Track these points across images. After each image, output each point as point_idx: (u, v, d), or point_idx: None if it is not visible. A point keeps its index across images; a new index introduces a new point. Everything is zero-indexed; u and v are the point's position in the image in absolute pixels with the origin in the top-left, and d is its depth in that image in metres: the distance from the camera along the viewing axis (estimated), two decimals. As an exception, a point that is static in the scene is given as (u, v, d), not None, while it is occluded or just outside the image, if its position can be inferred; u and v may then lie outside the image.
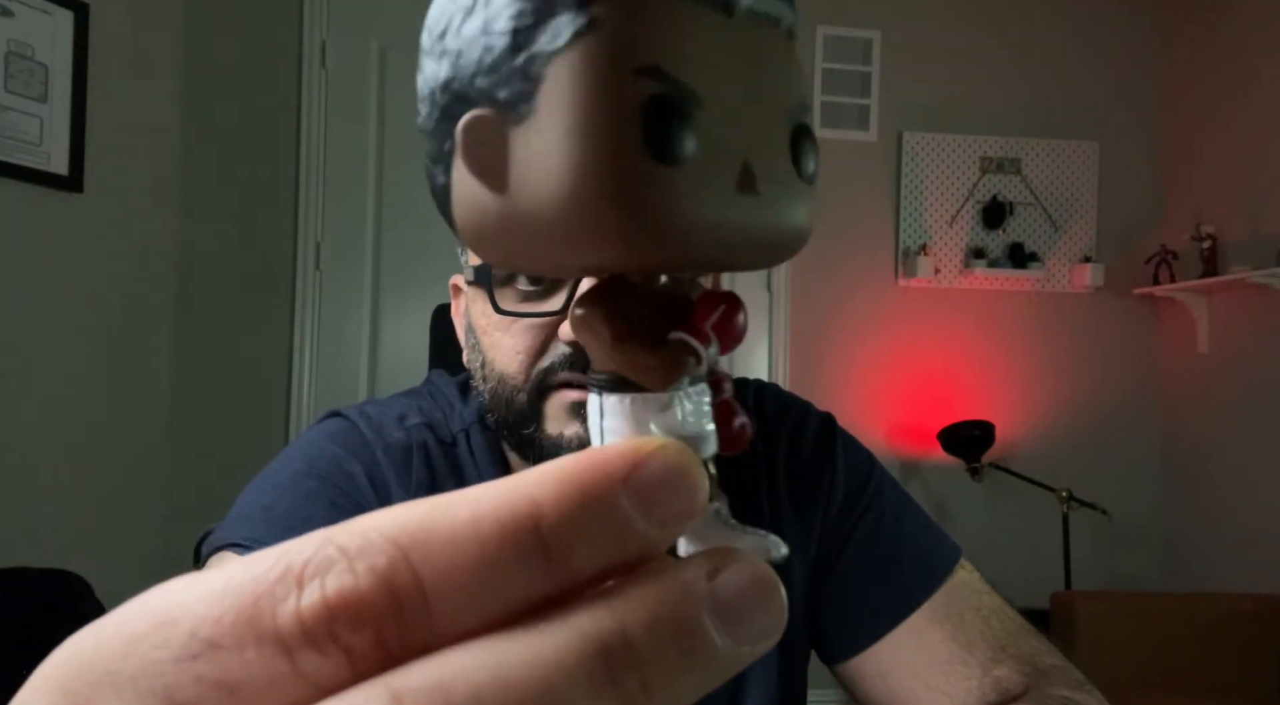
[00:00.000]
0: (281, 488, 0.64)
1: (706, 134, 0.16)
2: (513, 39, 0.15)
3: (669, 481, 0.15)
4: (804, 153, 0.18)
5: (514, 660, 0.13)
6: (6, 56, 2.10)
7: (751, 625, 0.15)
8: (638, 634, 0.14)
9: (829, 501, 0.74)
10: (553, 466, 0.15)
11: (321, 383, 2.77)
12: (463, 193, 0.17)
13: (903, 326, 3.07)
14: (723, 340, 0.18)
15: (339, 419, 0.72)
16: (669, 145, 0.15)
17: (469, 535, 0.14)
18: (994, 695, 0.65)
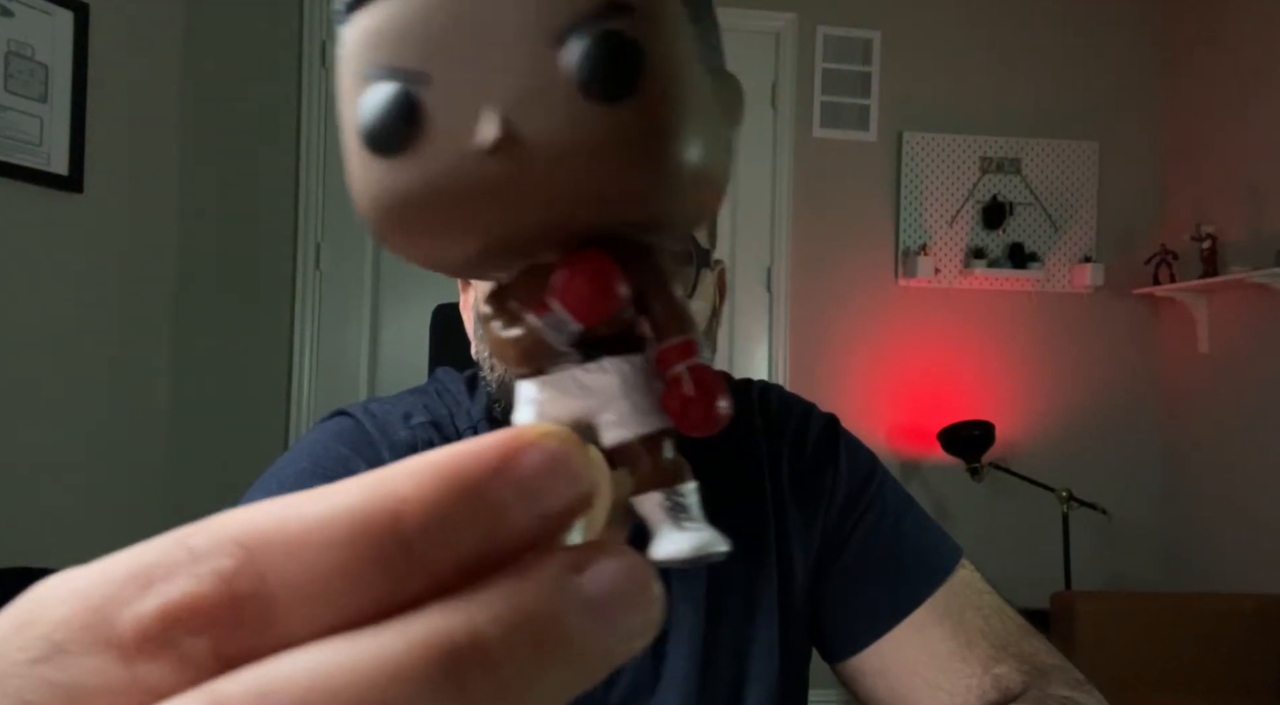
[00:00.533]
0: (286, 487, 0.64)
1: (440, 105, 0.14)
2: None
3: (546, 472, 0.14)
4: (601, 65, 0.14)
5: (345, 665, 0.12)
6: (6, 56, 2.10)
7: (621, 622, 0.14)
8: (490, 633, 0.13)
9: (831, 500, 0.74)
10: (422, 459, 0.14)
11: (321, 383, 2.77)
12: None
13: (903, 326, 3.07)
14: (572, 310, 0.15)
15: (344, 417, 0.72)
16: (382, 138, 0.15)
17: (320, 536, 0.13)
18: (994, 693, 0.65)
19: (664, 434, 0.16)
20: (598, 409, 0.16)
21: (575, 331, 0.16)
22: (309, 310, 2.77)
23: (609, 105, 0.14)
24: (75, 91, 2.24)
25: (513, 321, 0.16)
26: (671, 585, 0.69)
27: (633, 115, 0.14)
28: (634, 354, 0.16)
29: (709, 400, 0.16)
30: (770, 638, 0.71)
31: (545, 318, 0.16)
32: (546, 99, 0.14)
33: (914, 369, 3.06)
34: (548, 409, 0.16)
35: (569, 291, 0.15)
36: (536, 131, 0.14)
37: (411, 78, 0.15)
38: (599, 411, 0.16)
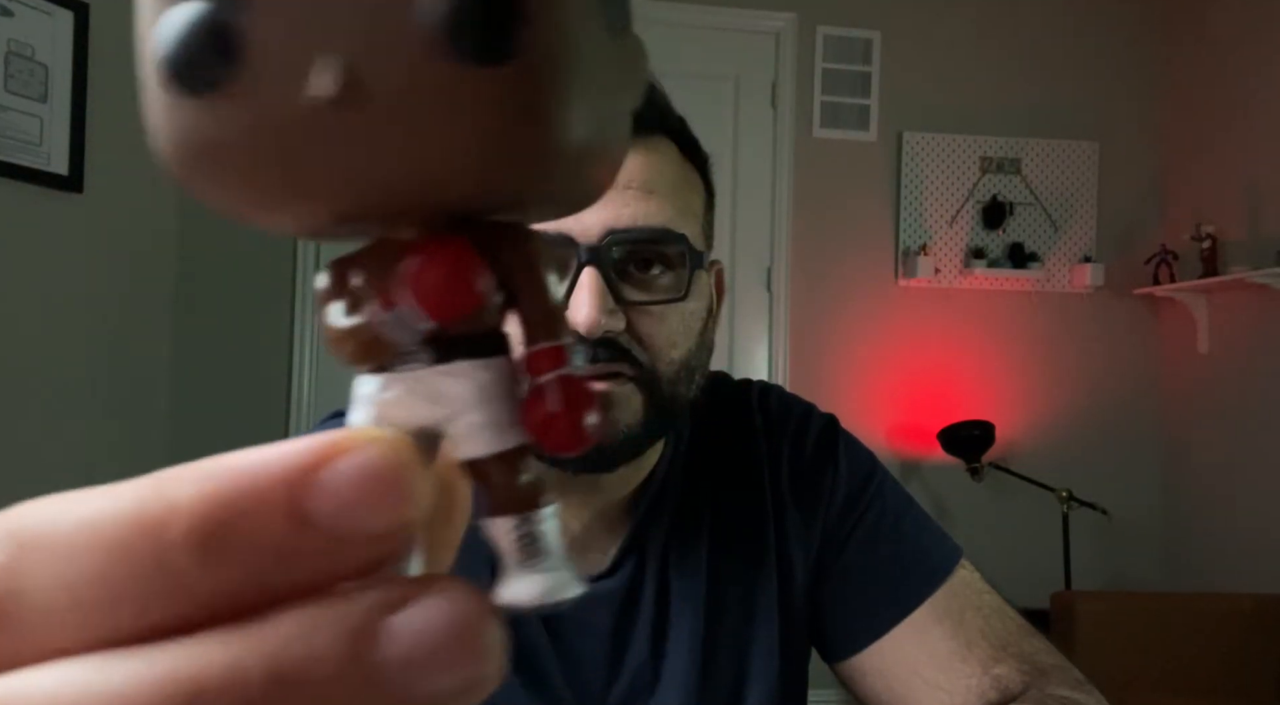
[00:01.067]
0: None
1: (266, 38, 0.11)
2: None
3: (360, 485, 0.12)
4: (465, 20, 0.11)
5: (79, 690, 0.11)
6: (6, 56, 2.10)
7: (431, 680, 0.11)
8: (253, 678, 0.11)
9: (830, 501, 0.74)
10: (219, 459, 0.12)
11: (321, 383, 2.77)
12: None
13: (903, 326, 3.07)
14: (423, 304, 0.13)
15: (342, 419, 0.72)
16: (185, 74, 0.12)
17: (82, 541, 0.12)
18: (994, 693, 0.65)
19: (522, 451, 0.14)
20: (448, 419, 0.13)
21: (426, 328, 0.13)
22: (309, 310, 2.77)
23: (480, 66, 0.11)
24: (75, 91, 2.24)
25: (354, 306, 0.14)
26: (671, 585, 0.69)
27: (508, 76, 0.12)
28: (496, 357, 0.14)
29: (575, 417, 0.13)
30: (770, 637, 0.71)
31: (392, 311, 0.13)
32: (402, 47, 0.11)
33: (914, 369, 3.06)
34: (389, 412, 0.14)
35: (420, 283, 0.13)
36: (387, 87, 0.11)
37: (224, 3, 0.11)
38: (449, 422, 0.13)
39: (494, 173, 0.12)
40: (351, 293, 0.14)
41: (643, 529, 0.69)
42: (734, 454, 0.74)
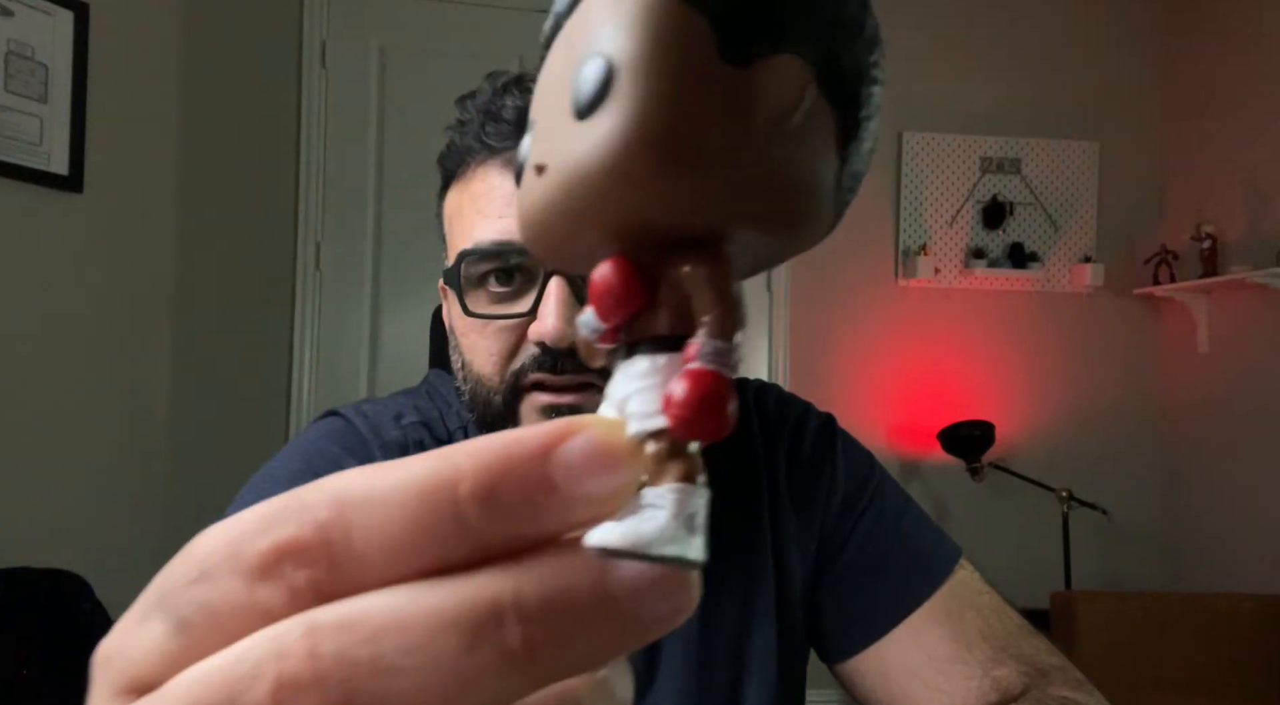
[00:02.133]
0: (280, 486, 0.64)
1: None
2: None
3: (587, 459, 0.15)
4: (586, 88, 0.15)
5: (411, 608, 0.15)
6: (6, 56, 2.10)
7: (653, 606, 0.15)
8: (530, 600, 0.15)
9: (829, 501, 0.74)
10: (485, 439, 0.16)
11: (321, 383, 2.77)
12: None
13: (903, 326, 3.07)
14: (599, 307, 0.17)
15: (337, 418, 0.73)
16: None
17: (396, 498, 0.16)
18: (994, 695, 0.65)
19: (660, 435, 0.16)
20: (628, 401, 0.16)
21: (595, 326, 0.17)
22: (309, 310, 2.77)
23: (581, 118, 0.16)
24: (75, 91, 2.24)
25: None
26: None
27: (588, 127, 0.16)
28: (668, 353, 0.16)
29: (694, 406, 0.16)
30: (768, 638, 0.71)
31: (582, 316, 0.17)
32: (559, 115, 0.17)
33: (914, 369, 3.06)
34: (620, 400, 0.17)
35: (592, 292, 0.17)
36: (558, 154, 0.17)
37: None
38: (628, 403, 0.16)
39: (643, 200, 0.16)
40: None
41: None
42: (730, 455, 0.73)
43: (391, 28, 2.84)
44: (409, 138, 2.83)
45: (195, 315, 2.63)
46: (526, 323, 0.61)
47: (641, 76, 0.15)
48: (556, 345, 0.58)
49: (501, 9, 2.87)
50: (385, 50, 2.83)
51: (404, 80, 2.83)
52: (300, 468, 0.68)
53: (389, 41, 2.83)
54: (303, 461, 0.68)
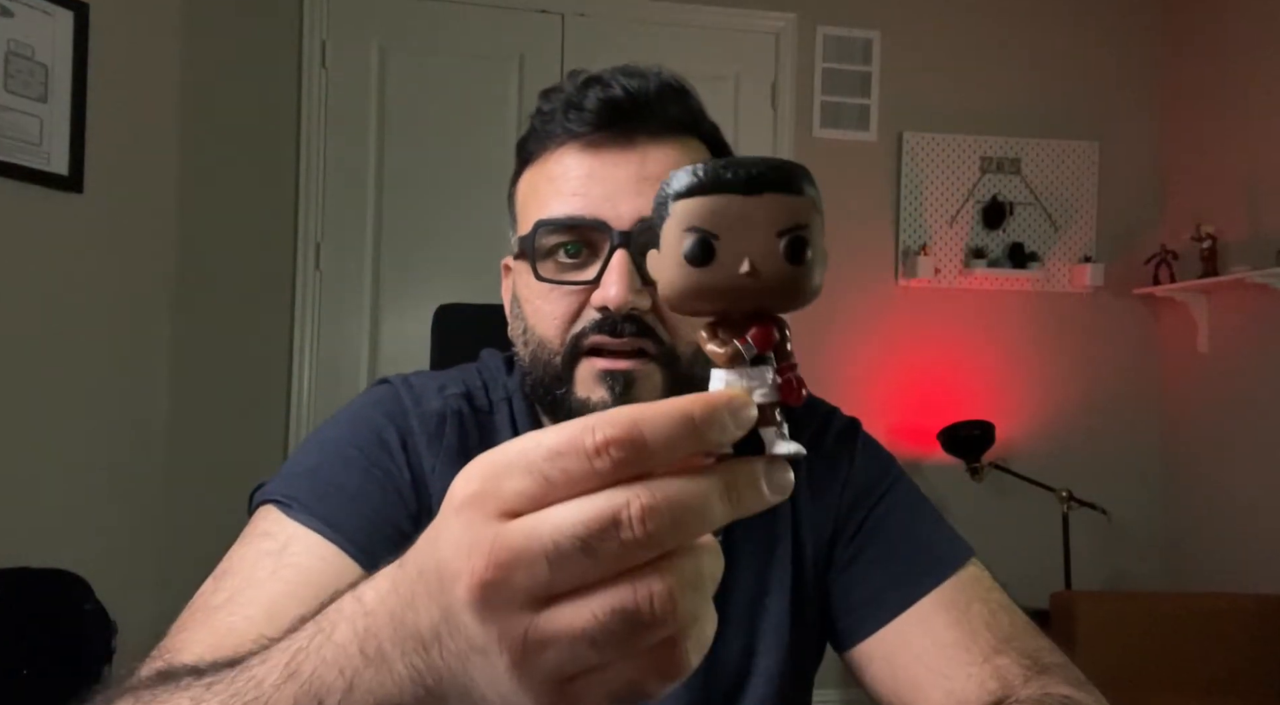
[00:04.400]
0: (325, 452, 0.72)
1: (724, 250, 0.31)
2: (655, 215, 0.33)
3: (740, 408, 0.29)
4: (793, 251, 0.31)
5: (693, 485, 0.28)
6: (6, 56, 2.10)
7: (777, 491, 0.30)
8: (739, 480, 0.29)
9: (843, 493, 0.77)
10: (694, 396, 0.29)
11: (321, 383, 2.77)
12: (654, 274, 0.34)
13: (903, 326, 3.07)
14: (758, 344, 0.32)
15: (386, 386, 0.78)
16: (695, 258, 0.31)
17: (663, 417, 0.28)
18: (994, 683, 0.65)
19: (780, 403, 0.32)
20: (755, 387, 0.32)
21: (754, 353, 0.32)
22: (309, 310, 2.77)
23: (792, 265, 0.31)
24: (75, 91, 2.24)
25: (723, 343, 0.32)
26: None
27: (801, 270, 0.32)
28: (768, 366, 0.33)
29: (798, 392, 0.33)
30: (781, 612, 0.74)
31: (744, 344, 0.32)
32: (772, 258, 0.31)
33: (914, 369, 3.06)
34: (733, 382, 0.32)
35: (759, 335, 0.32)
36: (765, 271, 0.31)
37: (710, 234, 0.31)
38: (756, 389, 0.32)
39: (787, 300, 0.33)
40: (719, 338, 0.33)
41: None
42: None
43: (391, 28, 2.84)
44: (409, 138, 2.83)
45: (195, 315, 2.63)
46: (589, 290, 0.67)
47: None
48: (617, 311, 0.65)
49: (501, 9, 2.87)
50: (385, 50, 2.83)
51: (404, 80, 2.83)
52: (345, 433, 0.73)
53: (389, 41, 2.83)
54: (348, 428, 0.74)
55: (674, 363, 0.67)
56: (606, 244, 0.66)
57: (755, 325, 0.32)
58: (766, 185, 0.31)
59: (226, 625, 0.58)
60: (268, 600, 0.59)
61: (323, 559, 0.63)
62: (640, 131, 0.68)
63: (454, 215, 2.78)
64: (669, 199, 0.32)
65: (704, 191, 0.31)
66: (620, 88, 0.67)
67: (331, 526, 0.65)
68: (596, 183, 0.67)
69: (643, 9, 2.95)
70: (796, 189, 0.32)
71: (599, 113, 0.67)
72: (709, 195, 0.31)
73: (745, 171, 0.31)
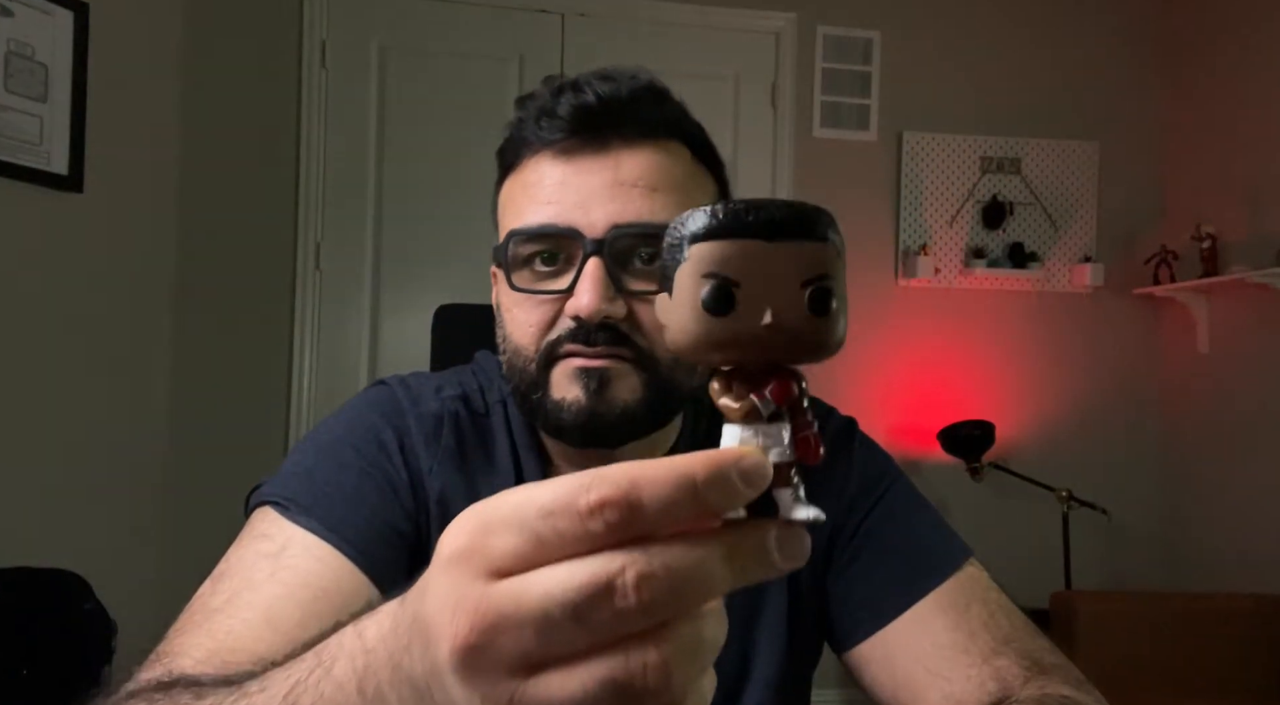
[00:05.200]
0: (322, 453, 0.72)
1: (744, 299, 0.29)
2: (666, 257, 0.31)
3: (749, 470, 0.27)
4: (817, 302, 0.30)
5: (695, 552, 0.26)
6: (6, 56, 2.10)
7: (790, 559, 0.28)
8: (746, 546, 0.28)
9: (840, 495, 0.77)
10: (700, 455, 0.27)
11: (321, 383, 2.77)
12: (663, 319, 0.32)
13: (903, 326, 3.07)
14: (776, 400, 0.30)
15: (383, 387, 0.78)
16: (714, 307, 0.29)
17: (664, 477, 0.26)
18: (993, 684, 0.65)
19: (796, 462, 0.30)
20: (771, 445, 0.30)
21: (772, 408, 0.30)
22: (309, 310, 2.77)
23: (816, 317, 0.30)
24: (75, 91, 2.24)
25: (739, 397, 0.30)
26: None
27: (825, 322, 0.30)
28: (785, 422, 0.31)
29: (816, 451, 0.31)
30: (778, 616, 0.74)
31: (762, 399, 0.30)
32: (796, 309, 0.29)
33: (914, 369, 3.06)
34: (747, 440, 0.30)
35: (778, 390, 0.30)
36: (788, 322, 0.29)
37: (731, 281, 0.29)
38: (771, 447, 0.30)
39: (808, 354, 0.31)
40: (733, 391, 0.31)
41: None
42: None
43: (391, 28, 2.84)
44: (409, 138, 2.83)
45: (195, 315, 2.63)
46: (564, 299, 0.67)
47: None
48: (590, 319, 0.65)
49: (501, 9, 2.88)
50: (385, 50, 2.83)
51: (404, 80, 2.83)
52: (342, 436, 0.73)
53: (389, 41, 2.83)
54: (345, 429, 0.74)
55: (653, 366, 0.67)
56: (580, 252, 0.66)
57: (774, 379, 0.30)
58: (790, 231, 0.30)
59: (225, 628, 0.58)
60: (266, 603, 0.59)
61: (320, 561, 0.63)
62: (614, 137, 0.67)
63: (454, 215, 2.78)
64: (684, 240, 0.30)
65: (724, 235, 0.29)
66: (593, 93, 0.67)
67: (329, 528, 0.65)
68: (570, 190, 0.67)
69: (643, 9, 2.95)
70: (821, 235, 0.30)
71: (571, 119, 0.66)
72: (730, 239, 0.29)
73: (768, 215, 0.29)
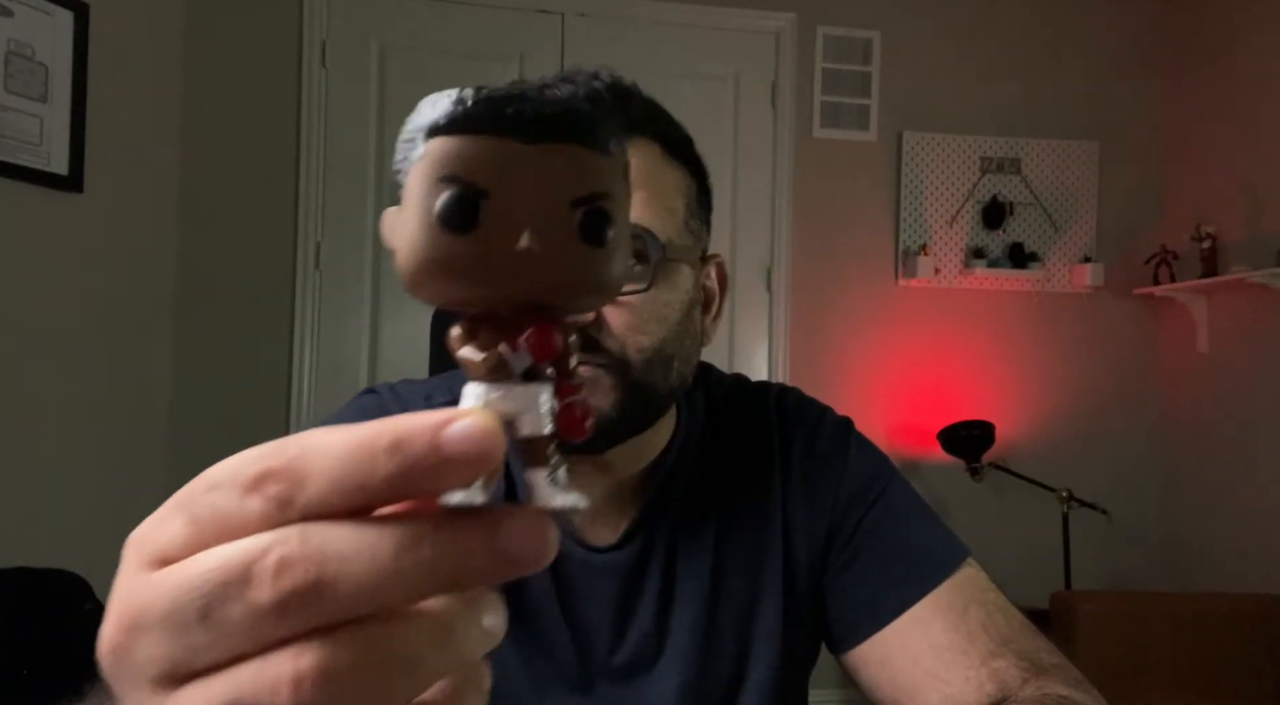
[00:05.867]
0: None
1: (493, 214, 0.23)
2: (399, 156, 0.25)
3: (461, 437, 0.21)
4: (590, 227, 0.23)
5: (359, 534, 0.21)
6: (6, 56, 2.10)
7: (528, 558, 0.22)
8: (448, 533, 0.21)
9: (837, 493, 0.77)
10: (409, 415, 0.22)
11: (321, 383, 2.77)
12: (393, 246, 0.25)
13: (903, 326, 3.07)
14: (533, 352, 0.24)
15: (372, 395, 0.78)
16: (451, 220, 0.22)
17: (340, 446, 0.22)
18: (991, 685, 0.65)
19: (552, 436, 0.24)
20: (522, 412, 0.24)
21: (528, 363, 0.24)
22: (309, 310, 2.77)
23: (588, 246, 0.23)
24: (75, 91, 2.24)
25: (484, 346, 0.24)
26: (678, 564, 0.73)
27: (600, 254, 0.24)
28: (545, 383, 0.24)
29: (582, 424, 0.25)
30: (774, 619, 0.74)
31: (514, 350, 0.24)
32: (562, 233, 0.23)
33: (914, 369, 3.06)
34: (495, 403, 0.23)
35: (536, 338, 0.24)
36: (549, 250, 0.23)
37: (476, 188, 0.23)
38: (522, 414, 0.24)
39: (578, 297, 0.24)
40: (479, 340, 0.24)
41: (651, 510, 0.73)
42: (748, 447, 0.77)
43: (391, 28, 2.84)
44: (409, 138, 2.83)
45: (195, 315, 2.63)
46: None
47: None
48: None
49: (501, 9, 2.88)
50: (385, 50, 2.83)
51: (404, 80, 2.83)
52: None
53: (389, 41, 2.83)
54: None
55: (624, 370, 0.64)
56: None
57: (532, 325, 0.24)
58: (561, 132, 0.23)
59: None
60: None
61: None
62: None
63: (454, 215, 2.78)
64: (419, 134, 0.24)
65: (472, 129, 0.23)
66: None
67: None
68: None
69: (643, 9, 2.95)
70: (601, 144, 0.24)
71: None
72: (479, 136, 0.23)
73: (535, 110, 0.23)
